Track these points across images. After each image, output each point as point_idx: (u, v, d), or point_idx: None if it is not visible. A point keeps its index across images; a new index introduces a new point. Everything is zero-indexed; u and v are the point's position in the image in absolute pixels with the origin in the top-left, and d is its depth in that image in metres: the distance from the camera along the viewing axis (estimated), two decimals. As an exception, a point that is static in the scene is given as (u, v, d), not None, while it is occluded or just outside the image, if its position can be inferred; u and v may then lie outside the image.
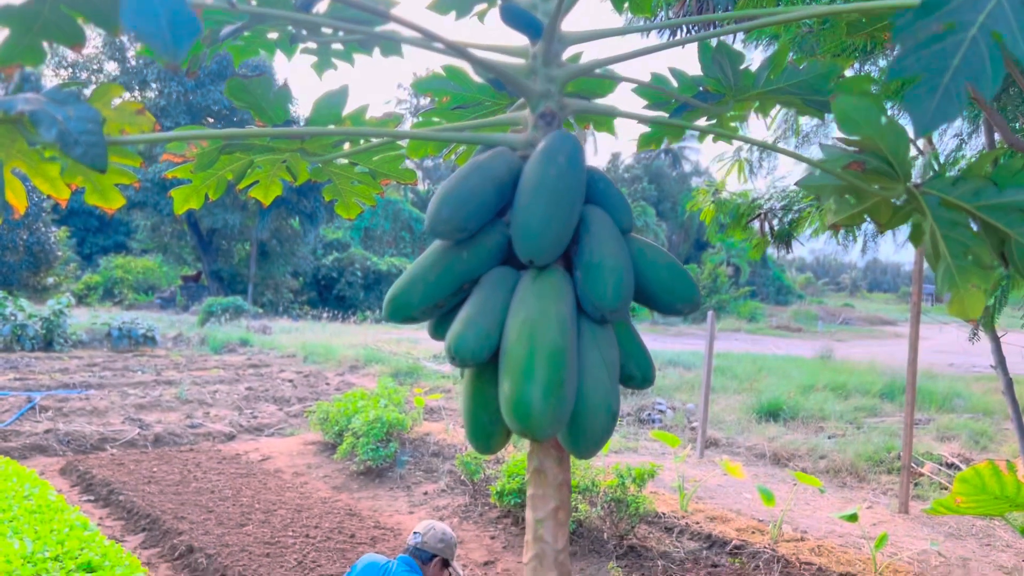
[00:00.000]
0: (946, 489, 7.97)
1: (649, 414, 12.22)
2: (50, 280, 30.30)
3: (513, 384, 1.33)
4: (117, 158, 1.43)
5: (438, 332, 1.59)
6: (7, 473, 6.94)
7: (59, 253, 30.53)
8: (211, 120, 29.89)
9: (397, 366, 16.03)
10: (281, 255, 33.47)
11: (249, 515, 6.49)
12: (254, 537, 5.96)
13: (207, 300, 25.84)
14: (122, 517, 6.63)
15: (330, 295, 35.56)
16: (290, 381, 14.58)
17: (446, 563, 3.80)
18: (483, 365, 1.47)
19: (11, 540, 5.19)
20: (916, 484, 8.41)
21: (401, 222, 42.45)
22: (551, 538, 1.52)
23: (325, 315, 30.61)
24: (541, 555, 1.53)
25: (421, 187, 53.74)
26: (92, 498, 7.14)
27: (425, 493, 7.63)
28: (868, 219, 1.41)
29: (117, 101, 1.35)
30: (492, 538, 6.42)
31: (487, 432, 1.54)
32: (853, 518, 5.55)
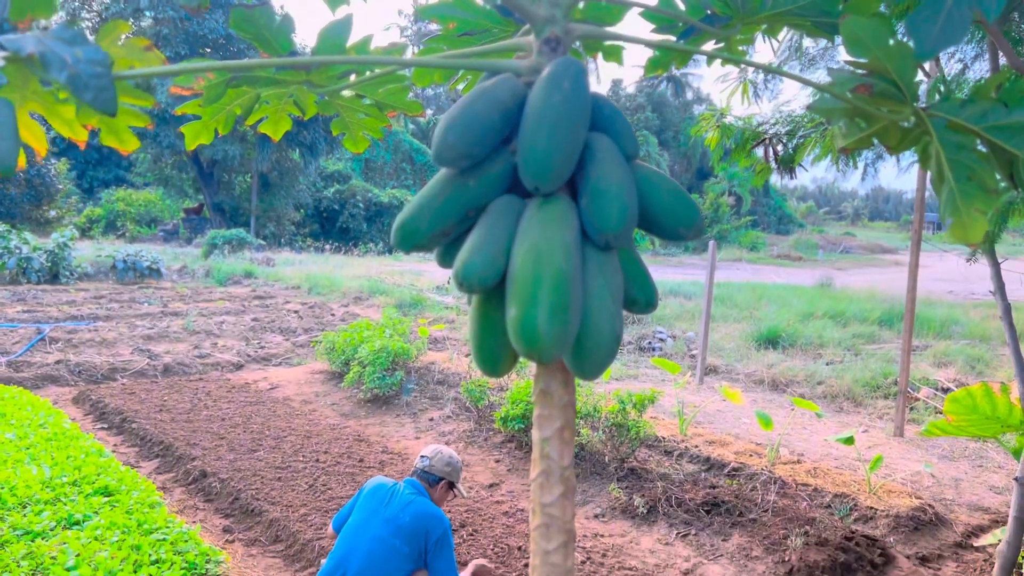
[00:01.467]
0: (941, 413, 8.12)
1: (650, 342, 12.36)
2: (52, 213, 30.24)
3: (520, 308, 1.37)
4: (129, 98, 1.44)
5: (445, 260, 1.62)
6: (22, 402, 7.09)
7: (60, 186, 30.39)
8: (208, 50, 29.36)
9: (401, 297, 16.14)
10: (282, 187, 33.30)
11: (260, 441, 6.66)
12: (265, 462, 6.13)
13: (210, 232, 25.83)
14: (136, 444, 6.80)
15: (332, 227, 35.52)
16: (295, 312, 14.71)
17: (452, 485, 3.93)
18: (490, 291, 1.51)
19: (29, 466, 5.35)
20: (912, 409, 8.57)
21: (402, 153, 42.10)
22: (557, 455, 1.59)
23: (328, 247, 30.65)
24: (547, 471, 1.60)
25: (421, 117, 52.98)
26: (105, 426, 7.31)
27: (431, 419, 7.79)
28: (874, 144, 1.43)
29: (124, 38, 1.35)
30: (497, 461, 6.59)
31: (494, 356, 1.58)
32: (849, 441, 5.69)
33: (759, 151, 5.29)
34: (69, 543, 4.26)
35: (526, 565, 4.60)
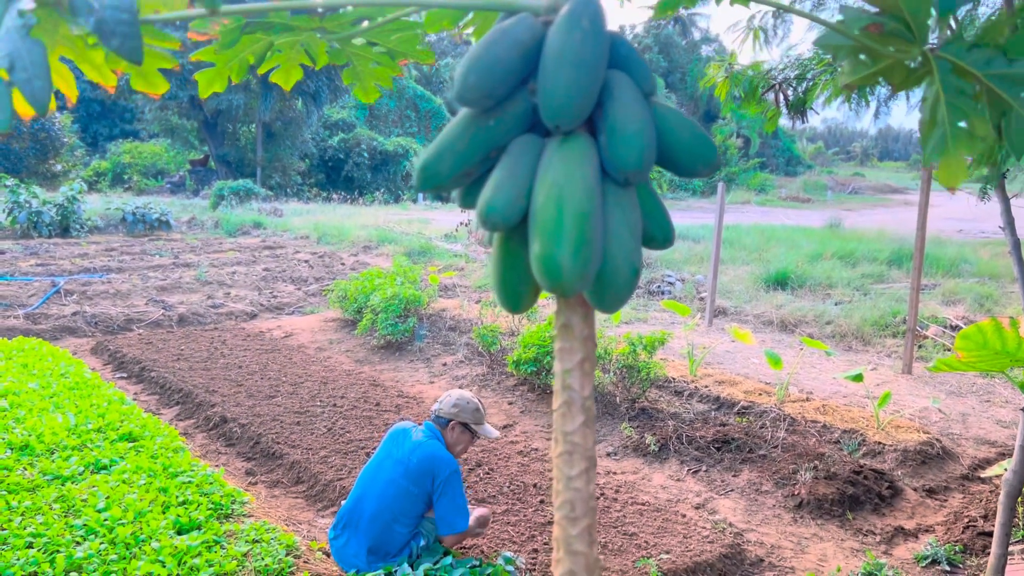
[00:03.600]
0: (949, 350, 8.20)
1: (659, 286, 12.41)
2: (58, 167, 30.20)
3: (543, 244, 1.41)
4: (156, 41, 1.47)
5: (466, 201, 1.65)
6: (42, 353, 7.23)
7: (65, 140, 30.28)
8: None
9: (409, 245, 16.19)
10: (287, 137, 33.09)
11: (277, 387, 6.78)
12: (284, 407, 6.26)
13: (217, 184, 25.78)
14: (156, 392, 6.93)
15: (338, 177, 35.39)
16: (306, 262, 14.79)
17: (466, 426, 4.01)
18: (511, 229, 1.55)
19: (54, 414, 5.49)
20: (920, 347, 8.63)
21: (406, 100, 41.66)
22: (578, 386, 1.64)
23: (335, 197, 30.62)
24: (569, 401, 1.65)
25: (432, 64, 52.22)
26: (125, 375, 7.45)
27: (444, 364, 7.91)
28: (881, 82, 1.45)
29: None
30: (510, 404, 6.71)
31: (515, 293, 1.63)
32: (858, 378, 5.76)
33: (769, 96, 5.26)
34: (98, 486, 4.40)
35: (541, 501, 4.73)
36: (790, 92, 5.31)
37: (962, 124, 1.29)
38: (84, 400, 5.88)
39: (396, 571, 3.63)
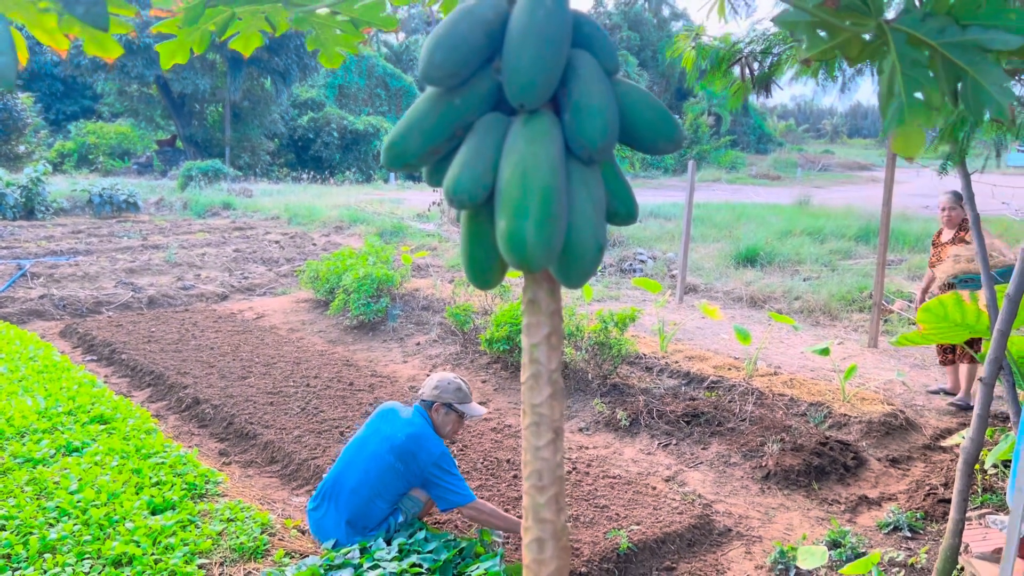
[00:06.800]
0: (914, 324, 8.37)
1: (631, 264, 12.50)
2: (21, 148, 29.55)
3: (508, 220, 1.44)
4: (111, 8, 1.47)
5: (434, 179, 1.68)
6: (9, 337, 7.14)
7: (28, 120, 29.61)
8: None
9: (381, 226, 16.12)
10: (255, 116, 32.64)
11: (250, 368, 6.77)
12: (257, 388, 6.25)
13: (185, 164, 25.40)
14: (127, 375, 6.89)
15: (307, 156, 35.04)
16: (276, 242, 14.68)
17: (450, 407, 4.04)
18: (478, 207, 1.57)
19: (23, 398, 5.44)
20: (886, 321, 8.80)
21: (376, 79, 41.23)
22: (545, 359, 1.67)
23: (305, 177, 30.33)
24: (536, 375, 1.69)
25: (395, 40, 51.88)
26: (95, 358, 7.38)
27: (418, 344, 7.93)
28: (839, 55, 1.49)
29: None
30: (483, 382, 6.76)
31: (483, 269, 1.66)
32: (825, 352, 5.87)
33: (736, 70, 5.28)
34: (71, 469, 4.39)
35: (514, 476, 4.79)
36: (756, 66, 5.33)
37: (918, 95, 1.34)
38: (54, 383, 5.83)
39: (371, 546, 3.66)
